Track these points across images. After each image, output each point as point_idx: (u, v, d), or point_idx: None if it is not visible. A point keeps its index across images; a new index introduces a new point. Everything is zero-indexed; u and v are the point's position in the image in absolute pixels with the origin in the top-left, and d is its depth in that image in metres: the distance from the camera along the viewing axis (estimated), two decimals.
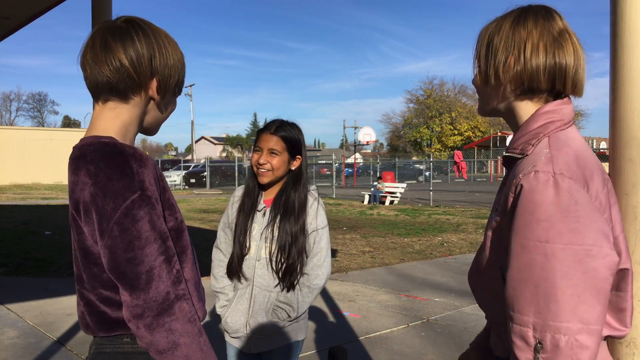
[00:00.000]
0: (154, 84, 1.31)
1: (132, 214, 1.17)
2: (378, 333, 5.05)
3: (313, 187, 2.39)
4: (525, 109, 1.27)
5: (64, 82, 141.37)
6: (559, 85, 1.24)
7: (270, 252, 2.22)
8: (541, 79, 1.23)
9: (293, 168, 2.30)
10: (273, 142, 2.24)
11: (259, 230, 2.26)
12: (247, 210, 2.29)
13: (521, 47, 1.24)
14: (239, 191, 2.40)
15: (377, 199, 20.11)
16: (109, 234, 1.17)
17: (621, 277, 1.18)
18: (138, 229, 1.17)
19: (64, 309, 5.81)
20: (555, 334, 1.05)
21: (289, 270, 2.21)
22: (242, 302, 2.26)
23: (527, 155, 1.19)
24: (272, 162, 2.23)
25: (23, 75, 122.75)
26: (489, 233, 1.28)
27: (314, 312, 5.71)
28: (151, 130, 1.42)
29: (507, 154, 1.27)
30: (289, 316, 2.21)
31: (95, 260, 1.23)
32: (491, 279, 1.29)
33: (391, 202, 19.99)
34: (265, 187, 2.32)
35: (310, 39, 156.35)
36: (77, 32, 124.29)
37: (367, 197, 20.59)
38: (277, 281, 2.22)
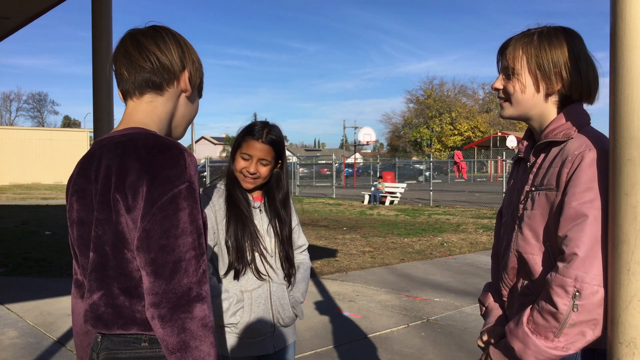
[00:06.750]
0: (185, 75, 1.38)
1: (177, 203, 1.18)
2: (378, 333, 5.05)
3: None
4: (555, 113, 1.50)
5: (64, 82, 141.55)
6: (593, 95, 1.51)
7: (277, 246, 2.24)
8: (592, 89, 1.49)
9: (275, 170, 2.25)
10: (265, 152, 2.14)
11: (262, 226, 2.22)
12: (245, 209, 2.20)
13: (577, 63, 1.46)
14: (216, 197, 2.21)
15: (377, 199, 20.11)
16: (150, 217, 1.17)
17: None
18: (178, 219, 1.17)
19: (64, 309, 5.80)
20: (593, 285, 1.27)
21: (290, 260, 2.27)
22: (263, 302, 2.17)
23: (572, 138, 1.43)
24: (262, 171, 2.15)
25: (23, 75, 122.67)
26: (536, 211, 1.45)
27: (314, 312, 5.71)
28: (179, 129, 1.45)
29: (547, 140, 1.47)
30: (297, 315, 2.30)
31: (129, 245, 1.22)
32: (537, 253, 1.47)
33: (391, 202, 20.00)
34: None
35: (312, 39, 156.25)
36: (77, 32, 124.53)
37: (367, 197, 20.59)
38: (283, 273, 2.26)
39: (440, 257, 9.12)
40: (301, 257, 2.40)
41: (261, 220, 2.23)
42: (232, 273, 2.15)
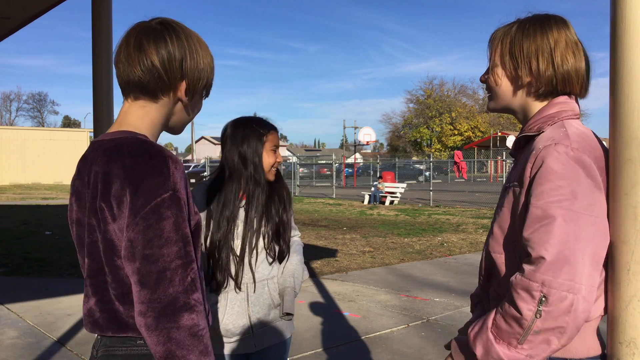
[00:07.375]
0: (183, 86, 1.33)
1: (160, 212, 1.17)
2: (378, 333, 5.05)
3: None
4: (540, 106, 1.42)
5: (64, 82, 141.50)
6: (577, 87, 1.39)
7: (265, 241, 2.19)
8: (573, 81, 1.38)
9: None
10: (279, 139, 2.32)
11: (242, 225, 2.17)
12: (230, 211, 2.15)
13: (551, 53, 1.37)
14: (198, 200, 2.18)
15: (377, 199, 20.10)
16: (133, 227, 1.17)
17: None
18: (161, 228, 1.16)
19: (64, 309, 5.81)
20: (562, 291, 1.17)
21: (287, 247, 2.25)
22: (238, 303, 2.16)
23: (543, 132, 1.34)
24: None
25: (23, 75, 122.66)
26: (505, 209, 1.38)
27: (314, 312, 5.71)
28: (176, 129, 1.44)
29: (523, 134, 1.41)
30: (296, 292, 2.22)
31: (119, 253, 1.22)
32: (505, 251, 1.39)
33: (391, 202, 19.99)
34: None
35: (313, 39, 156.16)
36: (78, 32, 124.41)
37: (367, 197, 20.58)
38: (272, 263, 2.21)
39: (440, 257, 9.12)
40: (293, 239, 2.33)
41: (243, 219, 2.17)
42: (214, 282, 2.13)
